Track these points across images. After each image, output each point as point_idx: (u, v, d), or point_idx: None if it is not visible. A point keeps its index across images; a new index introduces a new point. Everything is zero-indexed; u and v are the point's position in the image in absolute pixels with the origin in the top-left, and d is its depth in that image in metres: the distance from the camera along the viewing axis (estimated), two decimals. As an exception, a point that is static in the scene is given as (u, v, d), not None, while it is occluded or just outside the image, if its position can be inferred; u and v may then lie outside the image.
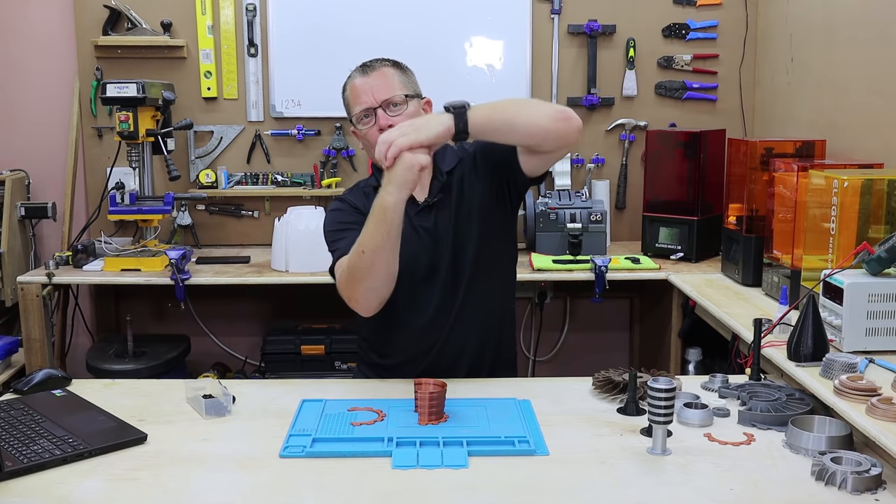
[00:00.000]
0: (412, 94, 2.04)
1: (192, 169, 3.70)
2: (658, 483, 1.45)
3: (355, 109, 2.04)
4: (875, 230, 2.16)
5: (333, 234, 2.09)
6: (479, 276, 2.05)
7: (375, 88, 2.00)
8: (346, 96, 2.09)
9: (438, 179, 2.07)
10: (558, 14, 3.66)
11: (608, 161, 3.77)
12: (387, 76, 2.03)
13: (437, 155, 2.05)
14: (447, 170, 2.08)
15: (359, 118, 2.02)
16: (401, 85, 2.03)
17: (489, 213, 2.06)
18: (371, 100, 2.00)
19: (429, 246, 2.05)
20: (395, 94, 2.01)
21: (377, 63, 2.06)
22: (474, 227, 2.04)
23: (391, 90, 2.01)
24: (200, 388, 1.81)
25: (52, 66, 3.68)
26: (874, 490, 1.40)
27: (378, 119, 1.99)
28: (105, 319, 3.82)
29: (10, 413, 1.72)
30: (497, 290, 2.12)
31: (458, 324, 2.05)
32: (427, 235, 2.05)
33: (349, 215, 2.09)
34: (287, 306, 3.79)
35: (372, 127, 2.00)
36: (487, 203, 2.05)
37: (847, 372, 1.73)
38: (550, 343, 3.93)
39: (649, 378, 1.71)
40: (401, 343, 2.09)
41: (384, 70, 2.04)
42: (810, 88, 3.18)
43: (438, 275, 2.04)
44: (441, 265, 2.04)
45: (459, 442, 1.58)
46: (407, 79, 2.07)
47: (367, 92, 2.01)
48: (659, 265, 3.16)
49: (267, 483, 1.46)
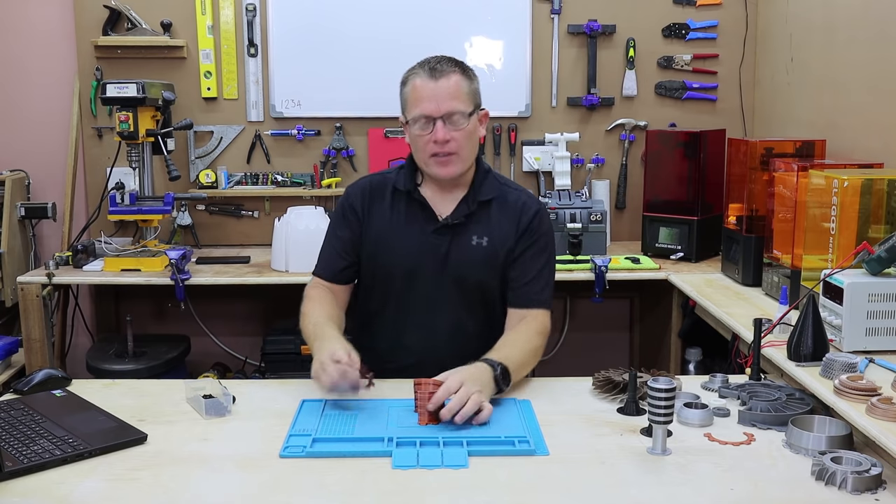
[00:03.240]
0: (474, 109, 1.98)
1: (192, 169, 3.70)
2: (658, 483, 1.45)
3: (413, 111, 1.96)
4: (875, 230, 2.16)
5: (326, 236, 2.15)
6: (475, 305, 2.08)
7: (441, 97, 1.93)
8: (406, 92, 2.00)
9: (468, 204, 2.04)
10: (558, 14, 3.66)
11: (608, 161, 3.77)
12: (455, 86, 1.95)
13: (476, 181, 2.06)
14: (482, 199, 2.05)
15: (415, 120, 1.96)
16: (466, 97, 1.96)
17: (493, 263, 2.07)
18: (434, 108, 1.93)
19: (434, 269, 2.06)
20: (459, 108, 1.94)
21: (446, 66, 1.97)
22: (479, 264, 2.06)
23: (456, 103, 1.94)
24: (200, 388, 1.81)
25: (52, 66, 3.68)
26: (874, 490, 1.40)
27: (436, 130, 1.94)
28: (105, 319, 3.82)
29: (10, 413, 1.72)
30: (490, 319, 2.12)
31: (448, 342, 2.06)
32: (434, 258, 2.06)
33: (342, 221, 2.10)
34: (287, 306, 3.76)
35: (427, 135, 1.95)
36: (500, 256, 2.06)
37: (847, 372, 1.73)
38: (550, 343, 3.87)
39: (649, 378, 1.71)
40: (394, 357, 2.10)
41: (453, 77, 1.95)
42: (810, 88, 3.18)
43: (438, 300, 2.06)
44: (440, 291, 2.06)
45: (459, 442, 1.58)
46: (472, 87, 1.99)
47: (431, 99, 1.93)
48: (659, 265, 3.16)
49: (267, 483, 1.46)
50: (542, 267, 2.06)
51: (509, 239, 2.05)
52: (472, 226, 2.05)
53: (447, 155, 1.96)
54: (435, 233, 2.05)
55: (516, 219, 2.05)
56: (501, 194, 2.08)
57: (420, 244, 2.05)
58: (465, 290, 2.07)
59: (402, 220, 2.06)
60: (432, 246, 2.05)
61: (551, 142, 3.67)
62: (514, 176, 3.74)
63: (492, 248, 2.05)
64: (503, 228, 2.05)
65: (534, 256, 2.05)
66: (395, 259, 2.07)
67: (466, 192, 2.06)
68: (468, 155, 2.01)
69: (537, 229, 2.06)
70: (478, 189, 2.05)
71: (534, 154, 3.72)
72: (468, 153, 2.00)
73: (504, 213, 2.06)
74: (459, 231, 2.05)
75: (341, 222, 2.11)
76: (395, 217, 2.07)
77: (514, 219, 2.05)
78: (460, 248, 2.05)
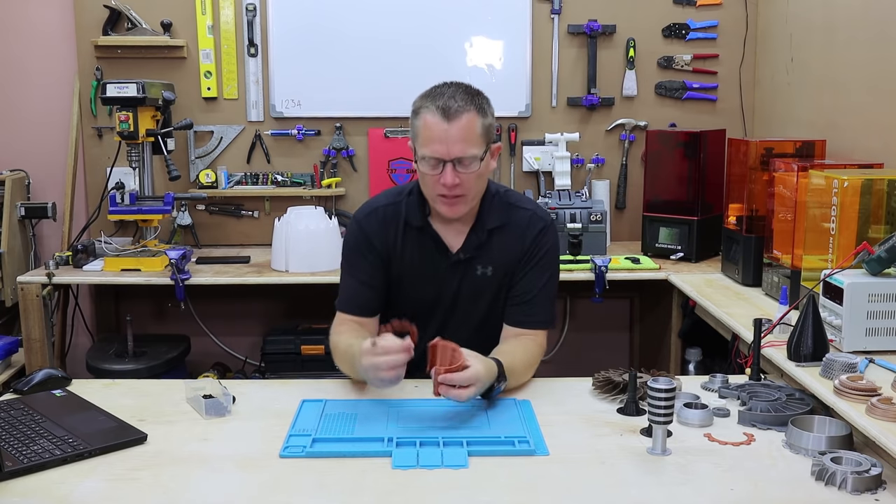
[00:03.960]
0: (486, 151, 1.92)
1: (192, 169, 3.70)
2: (658, 483, 1.45)
3: (423, 149, 1.90)
4: (875, 230, 2.16)
5: (343, 268, 2.09)
6: (485, 326, 2.07)
7: (452, 141, 1.86)
8: (417, 125, 1.92)
9: (478, 235, 2.03)
10: (558, 14, 3.66)
11: (608, 161, 3.77)
12: (467, 128, 1.87)
13: (484, 209, 2.03)
14: (491, 227, 2.03)
15: (425, 159, 1.91)
16: (479, 138, 1.89)
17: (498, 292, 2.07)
18: (445, 152, 1.87)
19: (446, 303, 2.07)
20: (470, 153, 1.88)
21: (461, 103, 1.87)
22: (484, 294, 2.06)
23: (468, 147, 1.87)
24: (200, 388, 1.81)
25: (52, 66, 3.68)
26: (874, 490, 1.40)
27: (445, 173, 1.88)
28: (105, 319, 3.82)
29: (10, 413, 1.72)
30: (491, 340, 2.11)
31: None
32: (447, 291, 2.06)
33: (359, 252, 2.04)
34: (287, 306, 3.79)
35: (437, 175, 1.90)
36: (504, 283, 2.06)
37: (847, 372, 1.73)
38: (550, 343, 3.87)
39: (649, 378, 1.71)
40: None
41: (467, 119, 1.87)
42: (810, 88, 3.18)
43: (449, 324, 2.06)
44: (452, 317, 2.07)
45: (459, 442, 1.58)
46: (485, 124, 1.92)
47: (442, 141, 1.87)
48: (659, 265, 3.16)
49: (267, 483, 1.46)
50: (544, 285, 2.04)
51: (513, 262, 2.04)
52: (477, 255, 2.04)
53: (455, 197, 1.93)
54: (448, 269, 2.04)
55: (521, 239, 2.03)
56: (508, 218, 2.04)
57: (436, 282, 2.05)
58: (473, 316, 2.08)
59: (416, 256, 2.04)
60: (447, 281, 2.05)
61: (551, 142, 3.67)
62: (514, 176, 3.74)
63: (495, 277, 2.05)
64: (507, 254, 2.04)
65: (537, 274, 2.04)
66: (412, 296, 2.06)
67: (474, 221, 2.03)
68: (476, 194, 1.98)
69: (541, 247, 2.03)
70: (486, 217, 2.03)
71: (534, 154, 3.71)
72: (476, 192, 1.97)
73: (510, 237, 2.04)
74: (468, 263, 2.04)
75: (361, 255, 2.04)
76: (411, 253, 2.04)
77: (519, 239, 2.03)
78: (468, 281, 2.05)
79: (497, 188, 2.08)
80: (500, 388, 1.78)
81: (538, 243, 2.03)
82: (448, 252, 2.03)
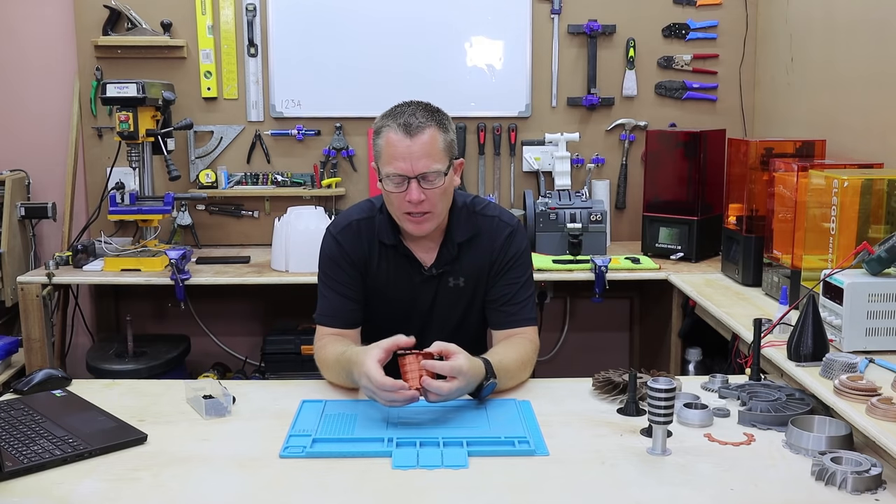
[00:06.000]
0: (449, 166, 1.93)
1: (192, 169, 3.70)
2: (658, 483, 1.45)
3: (387, 168, 1.90)
4: (875, 230, 2.16)
5: (321, 282, 2.08)
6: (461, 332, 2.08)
7: (416, 157, 1.87)
8: (379, 144, 1.92)
9: (449, 250, 2.03)
10: (558, 14, 3.66)
11: (608, 161, 3.77)
12: (430, 143, 1.88)
13: (452, 223, 2.03)
14: (460, 240, 2.04)
15: (389, 177, 1.90)
16: (441, 153, 1.90)
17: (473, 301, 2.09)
18: (408, 168, 1.87)
19: (421, 315, 2.09)
20: (434, 168, 1.88)
21: (421, 119, 1.89)
22: (459, 305, 2.09)
23: (431, 162, 1.88)
24: (200, 388, 1.81)
25: (52, 66, 3.68)
26: (874, 490, 1.41)
27: (410, 190, 1.88)
28: (105, 319, 3.82)
29: (10, 413, 1.72)
30: (479, 332, 2.17)
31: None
32: (422, 305, 2.08)
33: (338, 267, 2.04)
34: (287, 306, 3.79)
35: (401, 193, 1.90)
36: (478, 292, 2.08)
37: (847, 372, 1.73)
38: (550, 343, 3.92)
39: (649, 378, 1.71)
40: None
41: (429, 134, 1.88)
42: (810, 88, 3.18)
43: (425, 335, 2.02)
44: (428, 327, 2.07)
45: (459, 442, 1.58)
46: (447, 140, 1.92)
47: (405, 158, 1.87)
48: (659, 265, 3.16)
49: (267, 483, 1.46)
50: (521, 285, 2.05)
51: (484, 270, 2.06)
52: (450, 269, 2.06)
53: (421, 214, 1.93)
54: (422, 283, 2.06)
55: (489, 248, 2.05)
56: (476, 228, 2.05)
57: (411, 295, 2.07)
58: (449, 321, 2.10)
59: (391, 270, 2.05)
60: (421, 294, 2.07)
61: (551, 142, 3.67)
62: (514, 176, 3.74)
63: (468, 287, 2.07)
64: (478, 263, 2.05)
65: (512, 277, 2.05)
66: (387, 307, 2.08)
67: (444, 237, 2.04)
68: (442, 210, 1.98)
69: (510, 252, 2.04)
70: (454, 231, 2.03)
71: (534, 154, 3.72)
72: (442, 209, 1.97)
73: (479, 247, 2.05)
74: (440, 276, 2.06)
75: (339, 267, 2.04)
76: (386, 268, 2.05)
77: (488, 248, 2.05)
78: (442, 293, 2.07)
79: (464, 199, 2.08)
80: (490, 387, 1.78)
81: (507, 250, 2.04)
82: (421, 267, 2.05)
